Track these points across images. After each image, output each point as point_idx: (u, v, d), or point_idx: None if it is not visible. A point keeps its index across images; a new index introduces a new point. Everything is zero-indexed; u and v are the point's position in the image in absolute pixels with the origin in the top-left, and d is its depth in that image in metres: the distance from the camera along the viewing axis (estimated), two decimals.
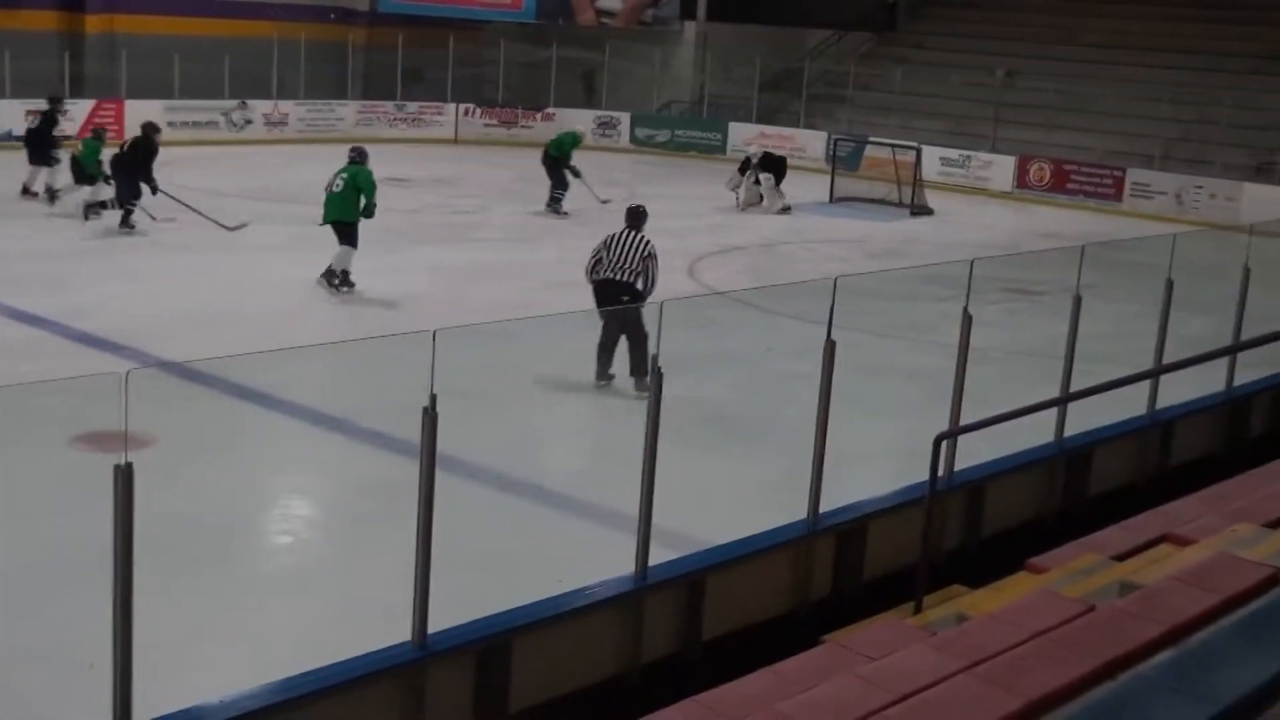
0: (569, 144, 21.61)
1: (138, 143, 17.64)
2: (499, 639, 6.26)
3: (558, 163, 21.30)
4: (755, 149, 25.41)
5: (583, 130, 23.42)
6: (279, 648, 6.57)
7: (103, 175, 17.92)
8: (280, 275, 15.37)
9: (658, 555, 6.94)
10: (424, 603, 5.94)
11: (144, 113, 23.10)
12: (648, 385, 10.11)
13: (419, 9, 32.40)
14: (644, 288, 11.34)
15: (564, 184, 21.27)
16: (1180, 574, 5.93)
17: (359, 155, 14.89)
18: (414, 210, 20.34)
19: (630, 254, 11.39)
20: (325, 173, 15.21)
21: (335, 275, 14.65)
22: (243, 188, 21.19)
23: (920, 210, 24.20)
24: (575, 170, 21.32)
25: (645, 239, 11.55)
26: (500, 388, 10.88)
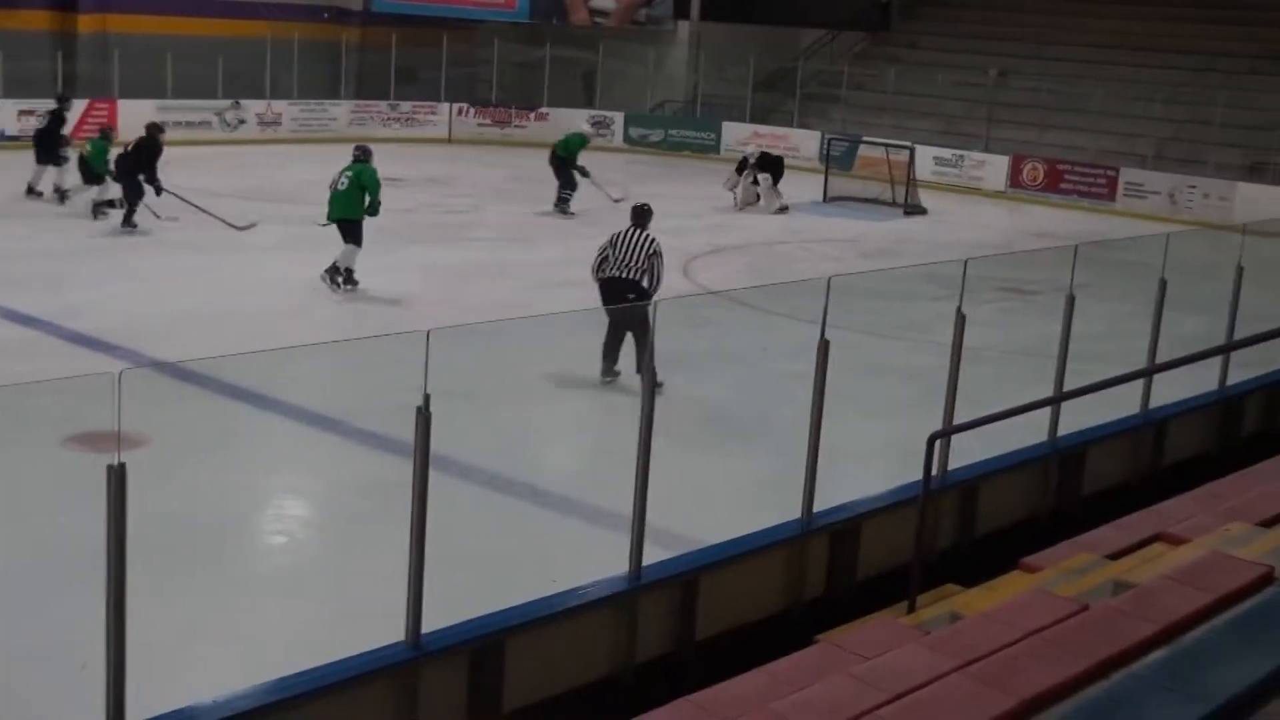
0: (576, 145, 21.60)
1: (142, 143, 17.67)
2: (492, 639, 6.27)
3: (565, 163, 21.27)
4: (753, 149, 25.41)
5: (591, 131, 23.37)
6: (273, 648, 6.56)
7: (110, 174, 17.96)
8: (276, 275, 15.37)
9: (651, 555, 6.94)
10: (417, 603, 5.94)
11: (137, 112, 23.17)
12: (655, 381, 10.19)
13: (413, 8, 32.35)
14: (650, 285, 11.41)
15: (572, 184, 21.23)
16: (1173, 573, 5.94)
17: (363, 153, 14.89)
18: (407, 210, 20.28)
19: (636, 252, 11.44)
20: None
21: (339, 273, 14.69)
22: (236, 187, 21.15)
23: (914, 210, 24.21)
24: (584, 170, 21.29)
25: (651, 237, 11.61)
26: (494, 387, 10.88)
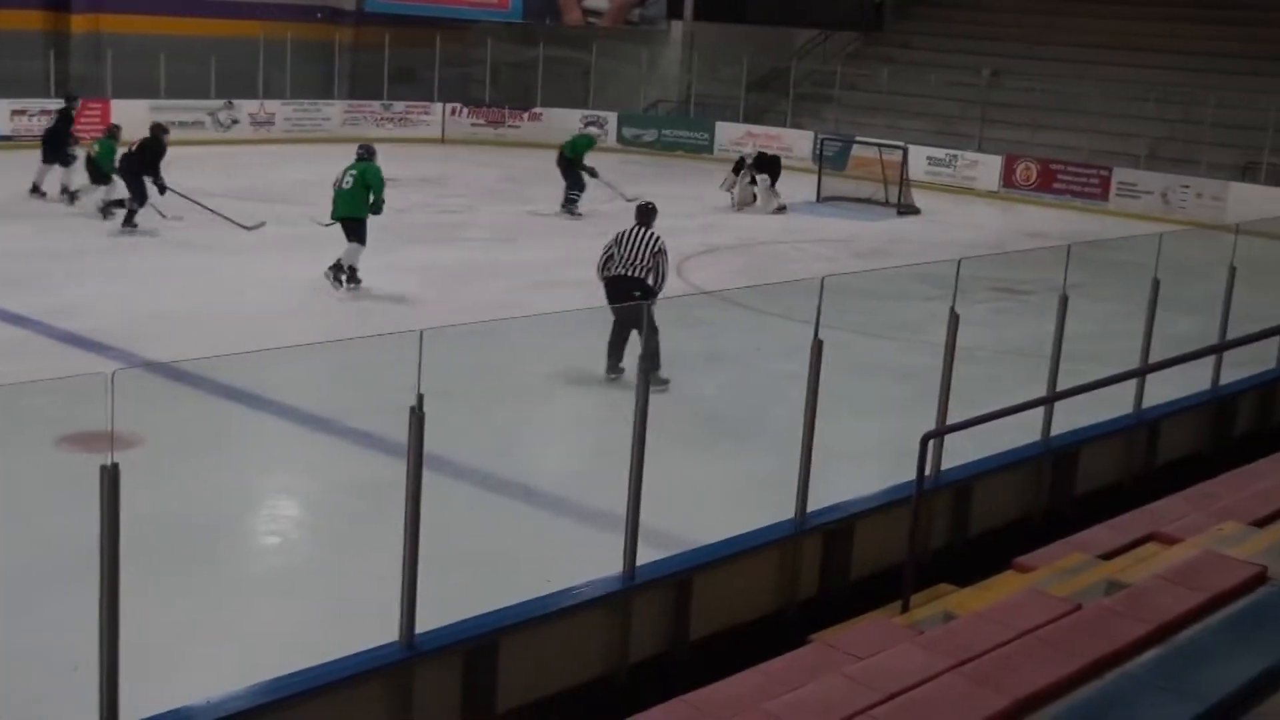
0: (583, 146, 21.61)
1: (146, 143, 17.66)
2: (486, 639, 6.26)
3: (572, 164, 21.25)
4: (750, 149, 25.42)
5: (598, 132, 23.30)
6: (266, 648, 6.55)
7: (117, 174, 17.95)
8: (272, 275, 15.35)
9: (645, 555, 6.94)
10: (411, 603, 5.94)
11: (130, 113, 23.15)
12: (659, 379, 10.21)
13: (406, 8, 32.34)
14: (654, 283, 11.43)
15: (579, 185, 21.20)
16: (1166, 572, 5.95)
17: (367, 152, 14.92)
18: (401, 210, 20.19)
19: (641, 250, 11.48)
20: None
21: (343, 271, 14.69)
22: (229, 187, 21.07)
23: (907, 210, 24.21)
24: (593, 171, 21.27)
25: (655, 235, 11.64)
26: (488, 387, 10.87)
